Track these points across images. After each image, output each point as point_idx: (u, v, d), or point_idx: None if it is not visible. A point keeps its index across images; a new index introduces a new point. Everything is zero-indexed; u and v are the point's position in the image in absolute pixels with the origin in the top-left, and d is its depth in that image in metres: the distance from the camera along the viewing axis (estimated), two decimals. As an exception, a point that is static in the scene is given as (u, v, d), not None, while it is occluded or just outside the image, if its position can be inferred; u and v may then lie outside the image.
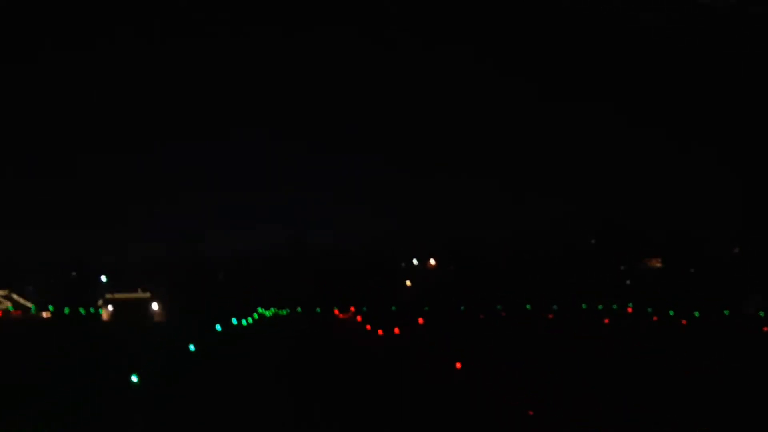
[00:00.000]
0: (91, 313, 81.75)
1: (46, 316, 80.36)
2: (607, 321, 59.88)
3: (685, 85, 76.43)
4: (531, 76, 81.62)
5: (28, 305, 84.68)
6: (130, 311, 79.62)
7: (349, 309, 79.21)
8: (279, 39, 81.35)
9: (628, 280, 78.70)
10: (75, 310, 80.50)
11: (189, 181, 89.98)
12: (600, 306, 71.68)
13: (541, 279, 79.90)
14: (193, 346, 34.73)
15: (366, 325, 58.55)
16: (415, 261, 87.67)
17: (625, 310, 69.39)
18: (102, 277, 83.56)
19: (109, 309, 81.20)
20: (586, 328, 54.42)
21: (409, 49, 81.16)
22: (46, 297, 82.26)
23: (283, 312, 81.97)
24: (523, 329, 53.73)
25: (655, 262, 79.16)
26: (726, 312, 61.72)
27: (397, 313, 73.94)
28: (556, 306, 72.63)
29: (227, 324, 51.36)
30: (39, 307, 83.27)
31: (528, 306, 73.62)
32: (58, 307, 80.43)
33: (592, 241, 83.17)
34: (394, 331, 49.44)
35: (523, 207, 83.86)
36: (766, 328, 56.10)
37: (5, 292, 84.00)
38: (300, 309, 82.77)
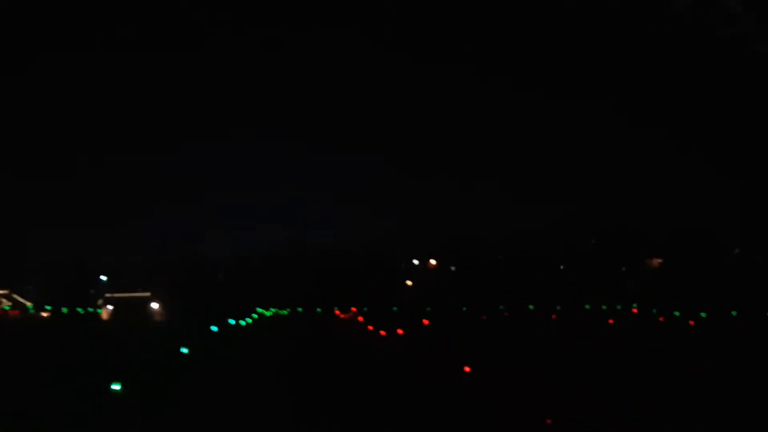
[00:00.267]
0: (90, 313, 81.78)
1: (45, 315, 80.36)
2: (611, 321, 59.77)
3: (685, 85, 76.37)
4: (532, 77, 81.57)
5: (26, 305, 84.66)
6: (130, 310, 79.63)
7: (351, 309, 79.16)
8: (279, 39, 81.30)
9: (628, 281, 78.65)
10: (73, 309, 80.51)
11: (189, 181, 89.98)
12: (604, 306, 71.55)
13: (542, 279, 79.82)
14: (185, 349, 34.56)
15: (368, 326, 58.43)
16: (416, 261, 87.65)
17: (629, 310, 69.27)
18: (102, 277, 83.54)
19: (109, 308, 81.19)
20: (591, 329, 54.29)
21: (410, 50, 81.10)
22: (45, 297, 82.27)
23: (283, 312, 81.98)
24: (528, 330, 53.58)
25: (656, 263, 79.12)
26: (734, 313, 61.67)
27: (398, 313, 73.85)
28: (559, 307, 72.50)
29: (225, 324, 51.26)
30: (37, 306, 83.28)
31: (531, 306, 73.50)
32: (56, 307, 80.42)
33: (593, 241, 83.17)
34: (398, 332, 49.33)
35: (523, 207, 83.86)
36: None
37: (5, 291, 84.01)
38: (300, 309, 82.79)
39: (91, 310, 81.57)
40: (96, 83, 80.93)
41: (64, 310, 79.55)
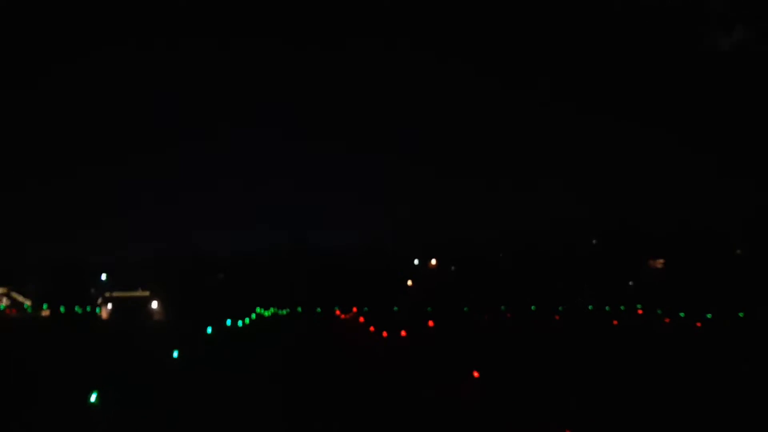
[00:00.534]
0: (89, 312, 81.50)
1: (44, 314, 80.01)
2: (615, 322, 59.64)
3: (686, 86, 76.42)
4: (533, 78, 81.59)
5: (24, 303, 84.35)
6: (130, 310, 79.37)
7: (351, 309, 78.86)
8: (279, 40, 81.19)
9: (631, 281, 78.62)
10: (72, 308, 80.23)
11: (189, 181, 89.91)
12: (607, 308, 71.38)
13: (543, 279, 79.66)
14: (176, 353, 34.47)
15: (369, 327, 58.12)
16: (416, 261, 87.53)
17: (634, 311, 69.06)
18: (102, 277, 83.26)
19: (108, 308, 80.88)
20: (596, 330, 54.12)
21: (411, 51, 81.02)
22: (45, 296, 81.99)
23: (283, 312, 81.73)
24: (532, 331, 53.32)
25: (658, 263, 79.11)
26: (741, 314, 61.59)
27: (399, 313, 73.55)
28: (561, 307, 72.28)
29: (223, 324, 51.19)
30: (35, 305, 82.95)
31: (533, 307, 73.27)
32: (55, 306, 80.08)
33: (594, 241, 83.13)
34: (401, 333, 48.99)
35: (523, 207, 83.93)
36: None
37: (4, 290, 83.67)
38: (300, 309, 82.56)
39: (89, 309, 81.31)
40: (96, 85, 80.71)
41: (62, 309, 79.23)
